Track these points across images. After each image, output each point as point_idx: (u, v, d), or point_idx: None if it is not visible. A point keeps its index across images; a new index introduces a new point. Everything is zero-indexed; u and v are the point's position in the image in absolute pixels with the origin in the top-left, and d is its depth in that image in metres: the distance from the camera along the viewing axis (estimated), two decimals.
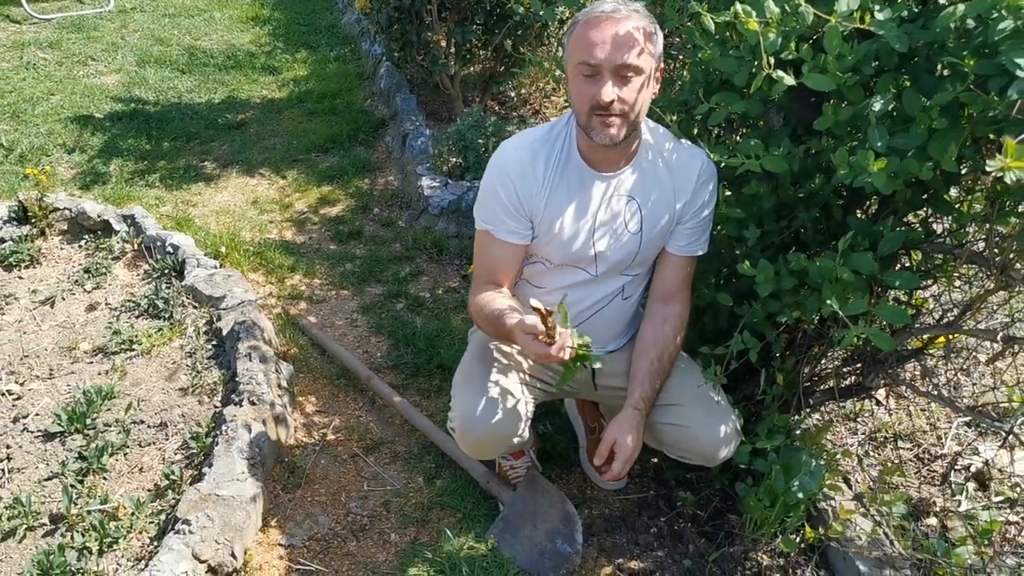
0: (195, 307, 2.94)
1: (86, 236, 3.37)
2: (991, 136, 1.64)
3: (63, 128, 4.59)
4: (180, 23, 6.32)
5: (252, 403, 2.40)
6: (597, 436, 2.47)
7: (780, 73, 1.65)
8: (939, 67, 1.68)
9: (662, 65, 1.87)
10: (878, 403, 2.64)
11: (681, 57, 2.70)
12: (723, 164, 1.91)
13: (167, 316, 2.89)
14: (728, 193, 2.15)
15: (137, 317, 2.92)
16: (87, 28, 6.11)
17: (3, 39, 5.86)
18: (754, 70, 1.76)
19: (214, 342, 2.77)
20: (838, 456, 2.34)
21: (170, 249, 3.19)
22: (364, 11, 4.96)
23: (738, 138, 2.32)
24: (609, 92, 1.72)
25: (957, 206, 1.84)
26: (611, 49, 1.71)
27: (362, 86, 5.27)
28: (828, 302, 1.72)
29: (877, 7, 1.61)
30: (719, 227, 2.15)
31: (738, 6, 1.68)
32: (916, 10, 1.78)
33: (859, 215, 2.05)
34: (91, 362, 2.71)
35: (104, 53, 5.68)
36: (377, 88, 5.14)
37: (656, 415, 2.03)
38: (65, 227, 3.41)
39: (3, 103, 4.85)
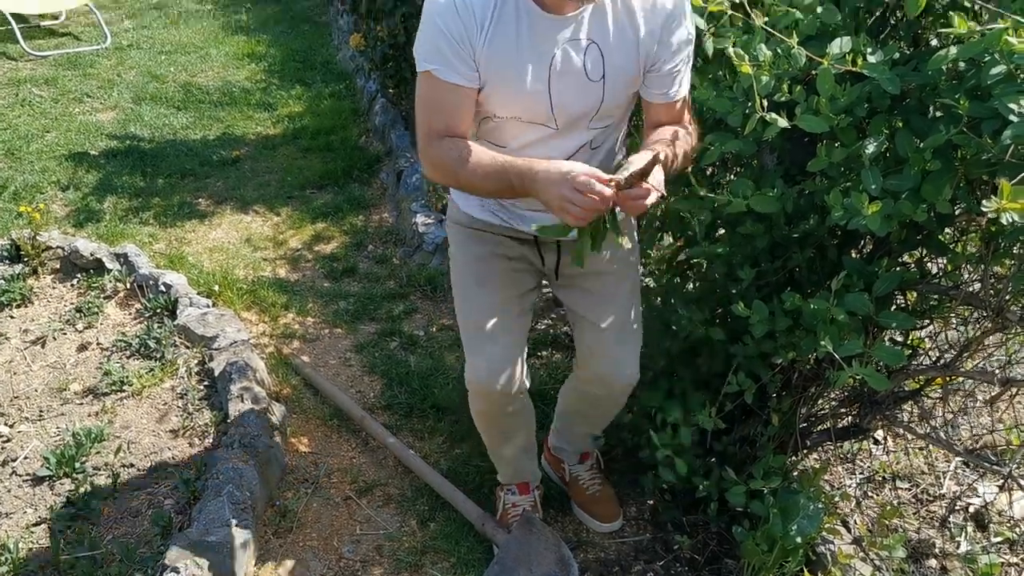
0: (187, 347, 2.92)
1: (79, 275, 3.35)
2: (985, 177, 1.63)
3: (58, 165, 4.59)
4: (176, 60, 6.35)
5: (244, 446, 2.38)
6: (575, 487, 2.47)
7: (774, 116, 1.65)
8: (931, 109, 1.68)
9: None
10: (876, 443, 2.62)
11: None
12: (715, 204, 1.90)
13: (159, 356, 2.86)
14: (721, 231, 2.15)
15: (128, 357, 2.89)
16: (84, 65, 6.13)
17: None
18: (748, 111, 1.75)
19: (206, 382, 2.74)
20: (836, 498, 2.32)
21: (163, 288, 3.18)
22: (359, 48, 4.99)
23: (732, 176, 2.32)
24: None
25: (952, 247, 1.83)
26: None
27: (357, 122, 5.28)
28: (823, 343, 1.71)
29: (869, 50, 1.62)
30: (711, 265, 2.15)
31: (731, 50, 1.68)
32: (908, 52, 1.79)
33: (854, 255, 2.04)
34: (81, 403, 2.68)
35: (100, 90, 5.69)
36: (372, 124, 5.16)
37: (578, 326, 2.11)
38: (58, 266, 3.40)
39: None
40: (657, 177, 1.60)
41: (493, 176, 1.70)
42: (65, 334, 3.04)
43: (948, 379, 1.92)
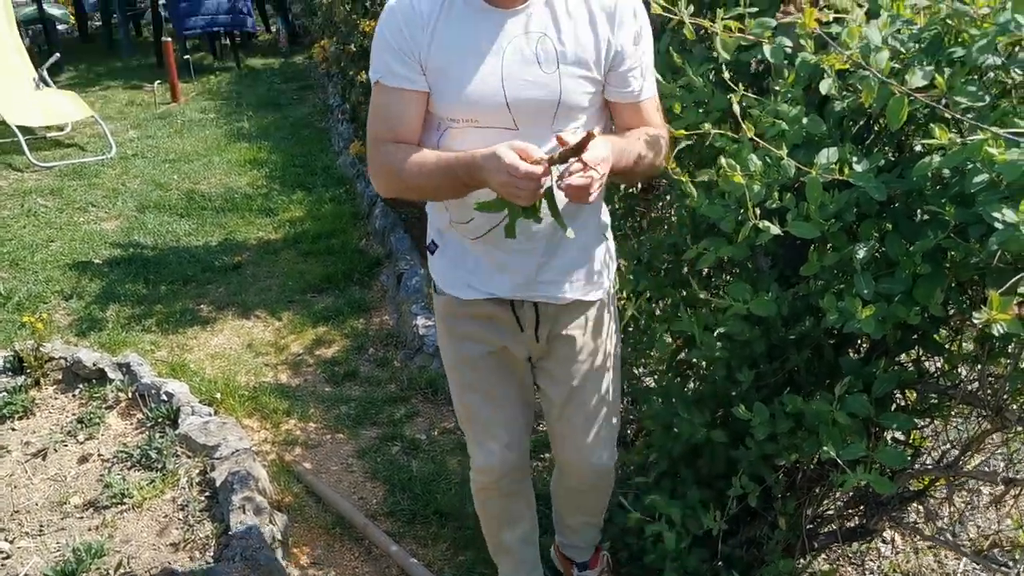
0: (189, 456, 2.91)
1: (81, 385, 3.36)
2: (975, 280, 1.67)
3: (61, 275, 4.64)
4: (180, 168, 6.48)
5: (245, 559, 2.35)
6: None
7: (766, 223, 1.69)
8: (919, 213, 1.73)
9: None
10: (884, 541, 2.59)
11: (669, 197, 2.77)
12: (712, 306, 1.94)
13: (160, 467, 2.85)
14: (721, 332, 2.16)
15: (129, 468, 2.88)
16: (88, 175, 6.26)
17: (5, 187, 6.00)
18: (740, 218, 1.80)
19: (207, 493, 2.72)
20: None
21: (164, 397, 3.18)
22: (359, 155, 5.10)
23: (728, 277, 2.36)
24: None
25: (948, 346, 1.85)
26: None
27: (357, 226, 5.36)
28: (826, 448, 1.71)
29: (855, 158, 1.67)
30: (711, 368, 2.16)
31: (723, 160, 1.74)
32: (893, 159, 1.84)
33: (851, 355, 2.06)
34: (82, 517, 2.66)
35: (105, 199, 5.80)
36: (372, 228, 5.24)
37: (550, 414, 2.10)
38: (60, 376, 3.41)
39: (2, 251, 4.93)
40: (597, 154, 1.55)
41: (438, 173, 1.68)
42: (66, 446, 3.03)
43: (952, 479, 1.92)
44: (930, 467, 1.95)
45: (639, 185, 2.84)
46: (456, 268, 1.92)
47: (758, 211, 1.70)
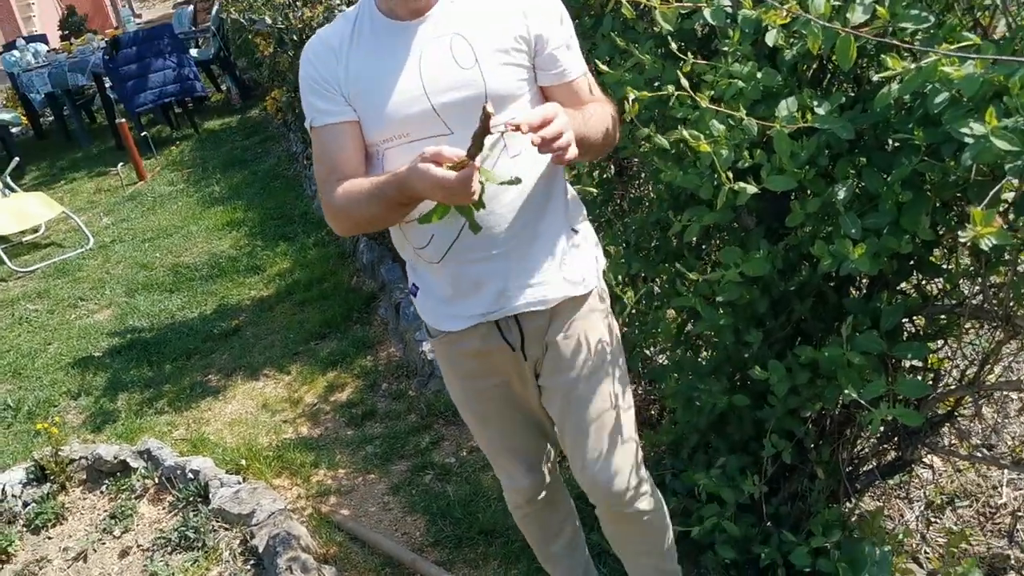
0: (226, 529, 2.90)
1: (106, 480, 3.36)
2: (958, 195, 1.67)
3: (65, 375, 4.64)
4: (160, 244, 6.48)
5: None
6: None
7: (742, 184, 1.69)
8: (889, 143, 1.73)
9: None
10: (924, 467, 2.59)
11: (644, 175, 2.77)
12: (704, 280, 1.93)
13: (200, 545, 2.85)
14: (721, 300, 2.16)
15: (170, 553, 2.87)
16: (71, 271, 6.25)
17: None
18: (716, 183, 1.80)
19: (252, 561, 2.72)
20: (900, 536, 2.28)
21: (191, 475, 3.18)
22: None
23: (717, 242, 2.36)
24: None
25: (945, 266, 1.86)
26: None
27: (345, 265, 5.36)
28: (847, 391, 1.71)
29: (816, 103, 1.67)
30: (719, 336, 2.16)
31: (684, 131, 1.74)
32: (853, 95, 1.84)
33: (853, 293, 2.06)
34: None
35: (92, 291, 5.79)
36: (360, 264, 5.23)
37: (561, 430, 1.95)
38: (84, 476, 3.41)
39: (3, 363, 4.92)
40: (533, 114, 1.52)
41: (374, 198, 1.64)
42: (104, 543, 3.02)
43: (977, 395, 1.92)
44: (953, 387, 1.95)
45: (612, 169, 2.84)
46: (439, 303, 1.86)
47: (731, 174, 1.70)
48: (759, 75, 1.74)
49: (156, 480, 3.27)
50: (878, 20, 1.51)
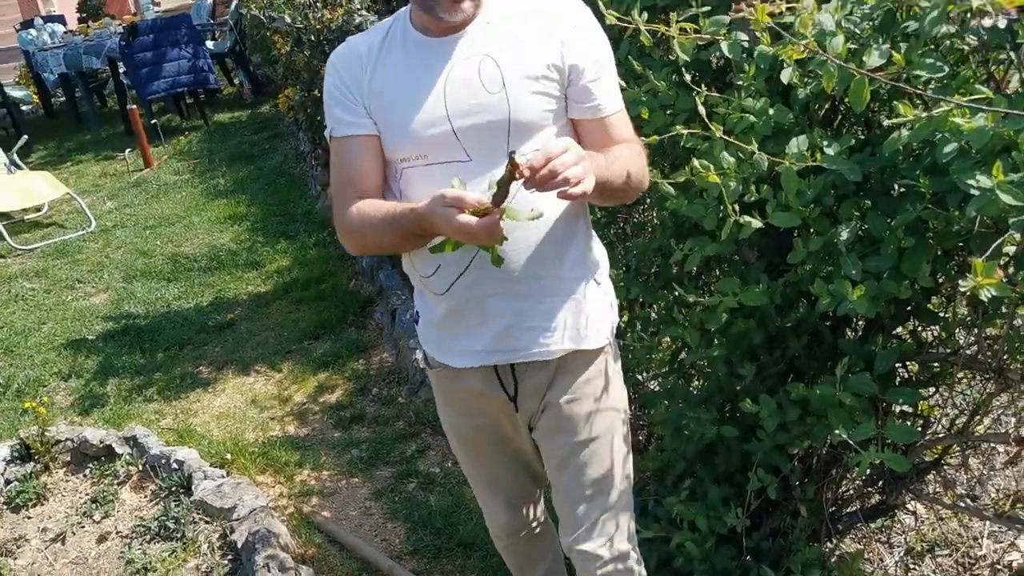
0: (207, 522, 2.90)
1: (90, 464, 3.35)
2: (960, 245, 1.68)
3: (57, 356, 4.64)
4: (161, 233, 6.48)
5: None
6: None
7: (747, 218, 1.70)
8: (896, 188, 1.74)
9: None
10: (907, 513, 2.60)
11: (649, 201, 2.79)
12: (699, 307, 1.94)
13: (179, 536, 2.84)
14: (714, 329, 2.17)
15: (149, 541, 2.87)
16: (71, 252, 6.25)
17: None
18: (721, 214, 1.81)
19: (230, 556, 2.72)
20: None
21: (175, 465, 3.18)
22: None
23: (717, 273, 2.37)
24: None
25: (942, 314, 1.87)
26: None
27: (345, 267, 5.37)
28: (836, 431, 1.72)
29: (825, 142, 1.68)
30: (712, 365, 2.17)
31: (696, 162, 1.75)
32: (863, 137, 1.86)
33: (849, 334, 2.07)
34: None
35: (90, 274, 5.79)
36: (360, 267, 5.24)
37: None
38: (68, 458, 3.40)
39: None
40: (554, 148, 1.41)
41: (388, 225, 1.57)
42: (84, 527, 3.02)
43: (964, 444, 1.92)
44: (942, 435, 1.96)
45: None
46: (439, 335, 1.78)
47: (737, 206, 1.71)
48: (771, 111, 1.76)
49: (140, 468, 3.26)
50: (893, 66, 1.52)
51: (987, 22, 1.44)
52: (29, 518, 3.12)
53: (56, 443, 3.39)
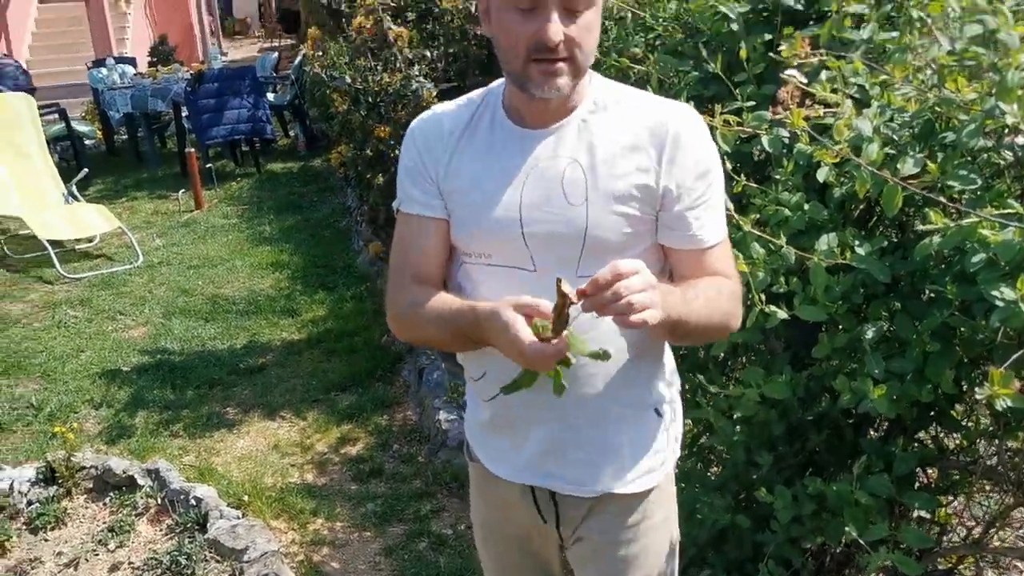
0: (218, 561, 2.92)
1: (111, 493, 3.39)
2: (984, 354, 1.70)
3: (91, 384, 4.73)
4: (204, 273, 6.62)
5: None
6: None
7: (773, 308, 1.74)
8: (925, 292, 1.77)
9: None
10: None
11: None
12: (723, 395, 1.97)
13: (189, 573, 2.86)
14: (737, 416, 2.18)
15: (160, 575, 2.89)
16: (116, 284, 6.40)
17: (36, 300, 6.14)
18: (749, 303, 1.84)
19: None
20: None
21: (193, 502, 3.21)
22: (378, 255, 5.21)
23: (743, 360, 2.39)
24: (556, 30, 1.32)
25: (964, 422, 1.87)
26: None
27: (379, 323, 5.43)
28: (848, 528, 1.72)
29: (857, 242, 1.72)
30: (730, 452, 2.17)
31: None
32: (896, 240, 1.89)
33: (871, 433, 2.08)
34: None
35: (132, 307, 5.92)
36: None
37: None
38: (91, 485, 3.45)
39: (35, 363, 5.03)
40: (620, 270, 1.23)
41: (441, 322, 1.45)
42: (98, 555, 3.05)
43: (979, 556, 1.91)
44: (957, 545, 1.94)
45: None
46: (484, 436, 1.67)
47: (764, 296, 1.75)
48: (806, 207, 1.80)
49: (159, 501, 3.30)
50: (927, 175, 1.57)
51: (1021, 140, 1.48)
52: (46, 540, 3.16)
53: (81, 469, 3.45)
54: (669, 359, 1.66)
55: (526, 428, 1.56)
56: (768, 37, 1.98)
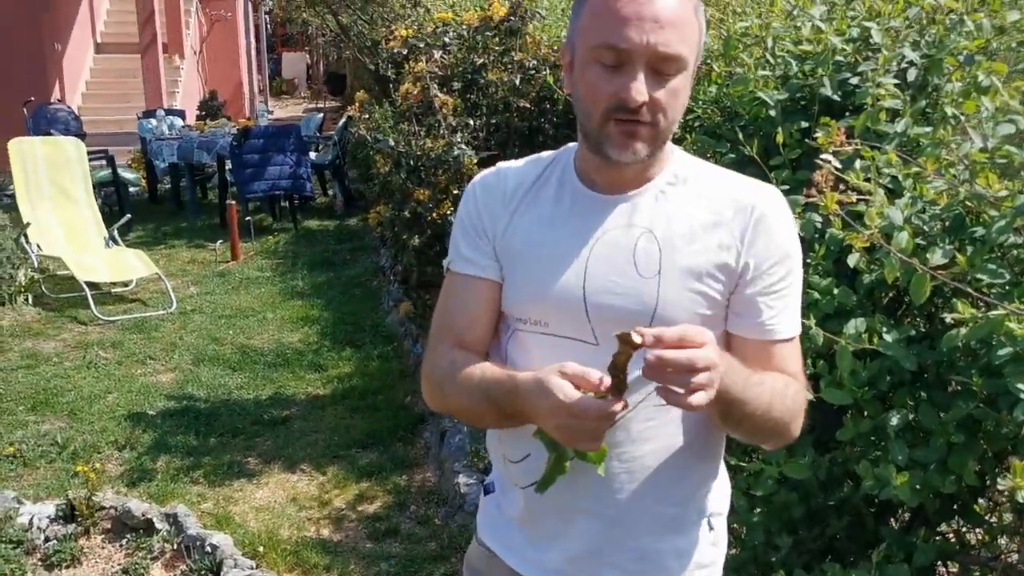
0: None
1: (129, 535, 3.42)
2: (1009, 449, 1.70)
3: (116, 426, 4.78)
4: (235, 323, 6.71)
5: None
6: None
7: None
8: (951, 383, 1.78)
9: (700, 58, 1.36)
10: None
11: None
12: (745, 473, 1.97)
13: None
14: (757, 495, 2.18)
15: None
16: (148, 329, 6.50)
17: (69, 340, 6.25)
18: None
19: None
20: None
21: (208, 549, 3.22)
22: (408, 315, 5.27)
23: None
24: (641, 90, 1.23)
25: (987, 517, 1.86)
26: (651, 29, 1.21)
27: (403, 383, 5.46)
28: None
29: (884, 329, 1.74)
30: (747, 533, 2.17)
31: None
32: (924, 329, 1.91)
33: (892, 522, 2.07)
34: None
35: (162, 352, 6.01)
36: (417, 386, 5.33)
37: None
38: (109, 525, 3.48)
39: (62, 401, 5.09)
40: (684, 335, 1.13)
41: (480, 392, 1.34)
42: None
43: None
44: None
45: None
46: (508, 528, 1.51)
47: None
48: (836, 291, 1.83)
49: (175, 546, 3.32)
50: (956, 266, 1.59)
51: None
52: None
53: (100, 509, 3.48)
54: (722, 470, 1.51)
55: (563, 525, 1.41)
56: (804, 125, 2.03)
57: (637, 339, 1.10)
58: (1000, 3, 1.87)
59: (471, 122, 3.95)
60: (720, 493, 1.50)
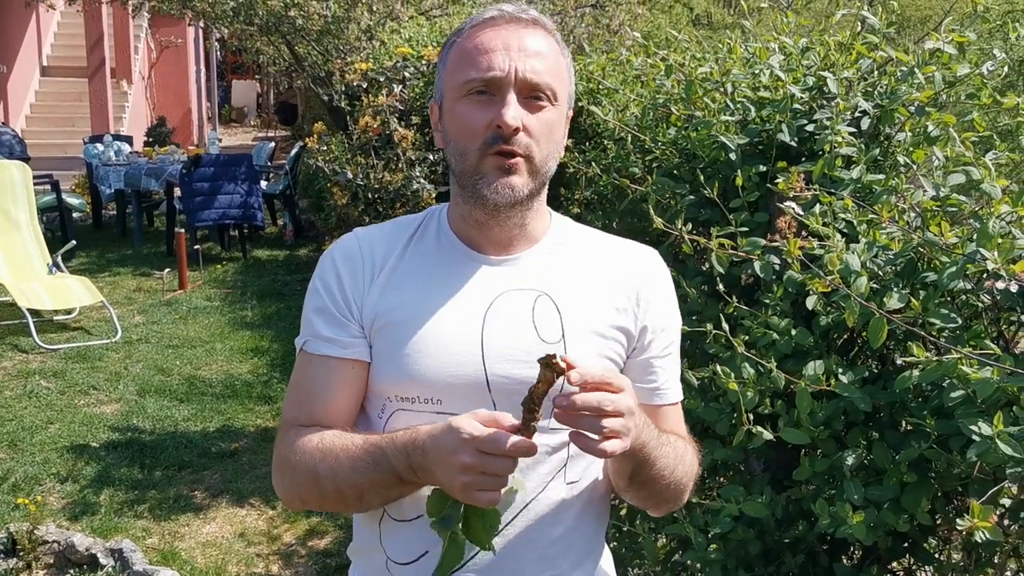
0: None
1: (72, 570, 3.33)
2: (960, 489, 1.75)
3: (58, 457, 4.66)
4: (183, 354, 6.60)
5: None
6: None
7: (759, 428, 1.79)
8: (904, 423, 1.83)
9: (571, 111, 1.33)
10: None
11: None
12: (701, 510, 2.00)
13: None
14: (713, 534, 2.21)
15: None
16: (92, 358, 6.37)
17: (9, 368, 6.09)
18: (734, 422, 1.90)
19: None
20: None
21: None
22: None
23: (722, 479, 2.43)
24: (515, 114, 1.18)
25: (937, 556, 1.91)
26: (518, 57, 1.20)
27: None
28: None
29: (840, 370, 1.79)
30: (704, 570, 2.19)
31: (717, 367, 1.86)
32: (877, 370, 1.97)
33: (845, 561, 2.11)
34: None
35: (106, 383, 5.88)
36: None
37: None
38: (51, 560, 3.38)
39: (2, 431, 4.95)
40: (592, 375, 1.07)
41: (362, 461, 1.18)
42: None
43: None
44: None
45: None
46: None
47: (751, 416, 1.80)
48: (793, 332, 1.88)
49: None
50: (911, 310, 1.65)
51: (1000, 285, 1.57)
52: None
53: (43, 543, 3.39)
54: (605, 546, 1.44)
55: None
56: (763, 168, 2.08)
57: (563, 364, 1.04)
58: (949, 56, 1.95)
59: (430, 156, 3.97)
60: (605, 565, 1.43)
